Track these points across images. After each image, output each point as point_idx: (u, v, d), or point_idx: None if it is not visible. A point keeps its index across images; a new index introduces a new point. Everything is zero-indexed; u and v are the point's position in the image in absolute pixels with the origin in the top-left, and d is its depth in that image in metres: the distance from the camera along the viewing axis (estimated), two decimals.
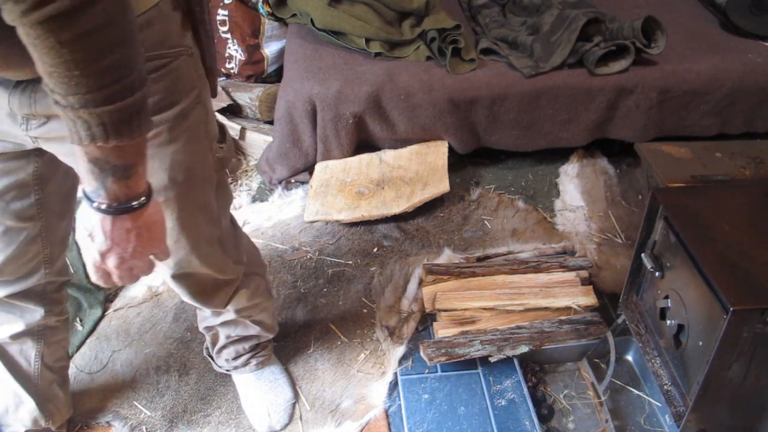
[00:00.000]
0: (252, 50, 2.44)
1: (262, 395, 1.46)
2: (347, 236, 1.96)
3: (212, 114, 1.01)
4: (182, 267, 1.05)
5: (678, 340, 1.26)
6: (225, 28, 2.41)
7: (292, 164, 2.14)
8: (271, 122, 2.23)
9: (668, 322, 1.28)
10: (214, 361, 1.45)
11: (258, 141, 2.28)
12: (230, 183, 2.20)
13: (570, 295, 1.65)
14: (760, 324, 1.04)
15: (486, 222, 2.02)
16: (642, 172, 2.08)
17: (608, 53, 2.02)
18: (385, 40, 2.16)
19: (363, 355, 1.60)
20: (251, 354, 1.43)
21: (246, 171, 2.29)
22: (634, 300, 1.46)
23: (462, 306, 1.63)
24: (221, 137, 1.04)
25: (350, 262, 1.87)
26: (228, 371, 1.46)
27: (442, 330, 1.58)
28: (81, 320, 1.68)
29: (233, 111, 2.37)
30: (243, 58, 2.44)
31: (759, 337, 1.06)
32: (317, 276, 1.82)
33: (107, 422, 1.46)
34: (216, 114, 2.24)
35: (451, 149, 2.15)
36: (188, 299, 1.15)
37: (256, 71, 2.48)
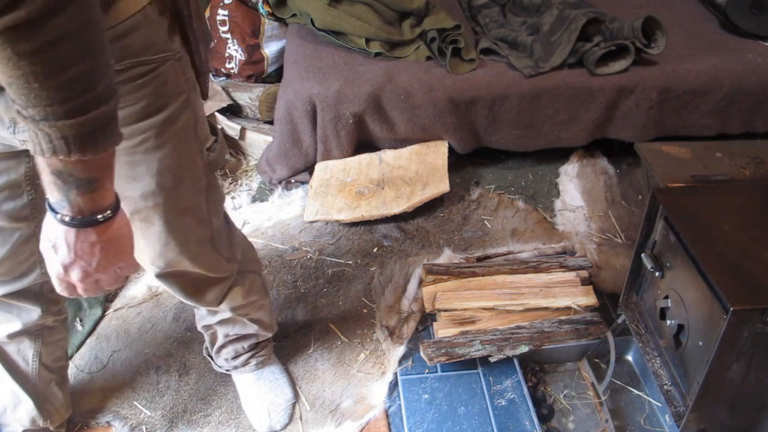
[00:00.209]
0: (252, 50, 2.44)
1: (262, 395, 1.46)
2: (347, 236, 1.96)
3: (202, 117, 0.99)
4: (172, 266, 1.04)
5: (678, 340, 1.25)
6: (225, 28, 2.41)
7: (292, 164, 2.14)
8: (271, 122, 2.23)
9: (668, 322, 1.28)
10: (214, 361, 1.45)
11: (258, 141, 2.28)
12: (230, 183, 2.21)
13: (570, 295, 1.65)
14: (760, 324, 1.04)
15: (486, 222, 2.02)
16: (642, 172, 2.08)
17: (608, 53, 2.02)
18: (385, 40, 2.16)
19: (363, 355, 1.60)
20: (251, 353, 1.43)
21: (246, 171, 2.29)
22: (634, 300, 1.46)
23: (462, 306, 1.63)
24: (213, 140, 1.03)
25: (350, 262, 1.87)
26: (228, 371, 1.46)
27: (442, 330, 1.58)
28: (81, 320, 1.68)
29: (233, 111, 2.37)
30: (243, 58, 2.44)
31: (759, 337, 1.06)
32: (317, 276, 1.82)
33: (107, 422, 1.46)
34: (216, 114, 2.27)
35: (451, 149, 2.15)
36: (180, 297, 1.15)
37: (256, 71, 2.48)
